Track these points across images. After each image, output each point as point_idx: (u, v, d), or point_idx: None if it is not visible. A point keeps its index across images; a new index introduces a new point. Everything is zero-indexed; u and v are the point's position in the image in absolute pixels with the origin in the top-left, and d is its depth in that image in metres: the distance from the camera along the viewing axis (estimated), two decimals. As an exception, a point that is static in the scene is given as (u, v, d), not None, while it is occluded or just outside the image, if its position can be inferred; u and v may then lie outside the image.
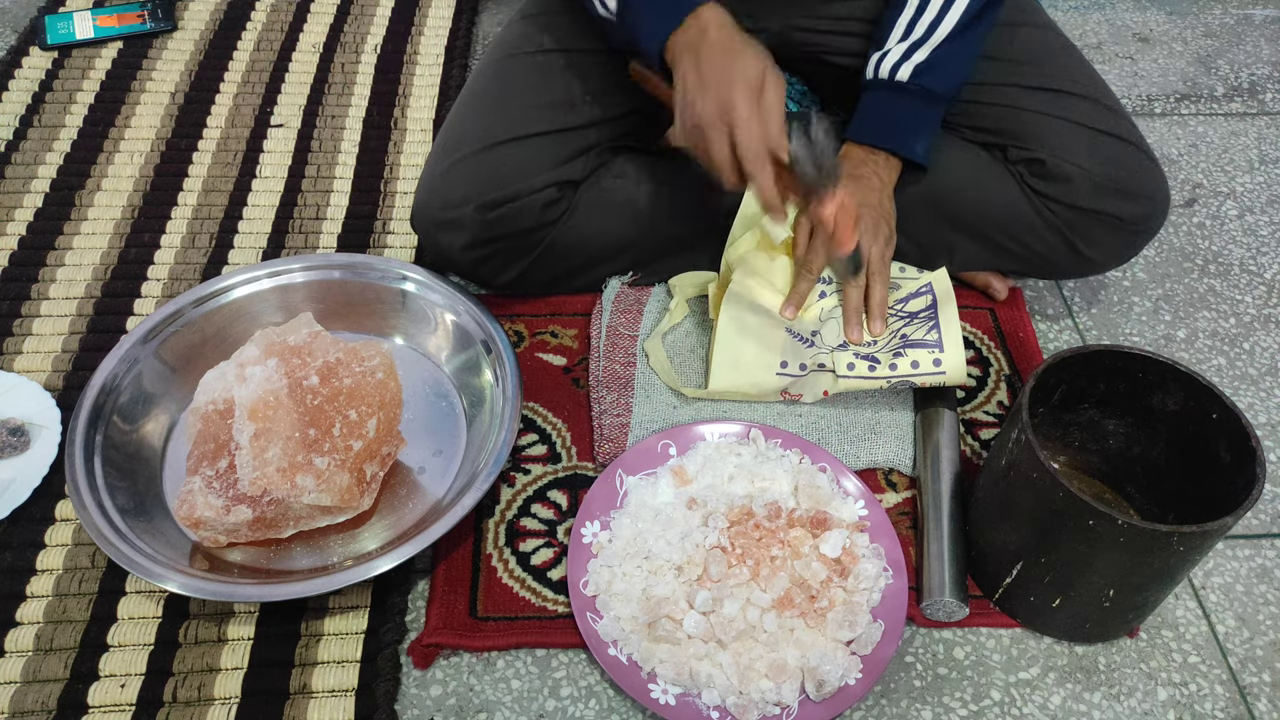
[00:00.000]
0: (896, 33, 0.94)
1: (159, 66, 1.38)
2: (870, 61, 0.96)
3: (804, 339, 0.96)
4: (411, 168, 1.25)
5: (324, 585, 0.78)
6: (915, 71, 0.93)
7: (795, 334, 0.96)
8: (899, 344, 0.94)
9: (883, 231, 0.94)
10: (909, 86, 0.94)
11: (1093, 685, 0.83)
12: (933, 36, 0.93)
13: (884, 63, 0.95)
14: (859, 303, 0.96)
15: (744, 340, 0.95)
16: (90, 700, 0.77)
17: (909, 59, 0.93)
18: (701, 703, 0.77)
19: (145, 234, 1.14)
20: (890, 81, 0.94)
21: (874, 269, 0.94)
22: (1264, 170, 1.34)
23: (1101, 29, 1.60)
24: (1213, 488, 0.79)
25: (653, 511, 0.87)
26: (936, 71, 0.94)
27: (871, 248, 0.93)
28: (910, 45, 0.93)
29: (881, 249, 0.94)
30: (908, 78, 0.94)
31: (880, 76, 0.95)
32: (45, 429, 0.92)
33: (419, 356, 1.01)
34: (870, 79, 0.96)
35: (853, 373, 0.93)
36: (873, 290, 0.95)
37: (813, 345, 0.96)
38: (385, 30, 1.47)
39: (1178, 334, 1.12)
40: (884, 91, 0.95)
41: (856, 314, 0.95)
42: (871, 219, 0.93)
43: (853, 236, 0.86)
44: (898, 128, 0.96)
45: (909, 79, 0.94)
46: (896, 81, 0.94)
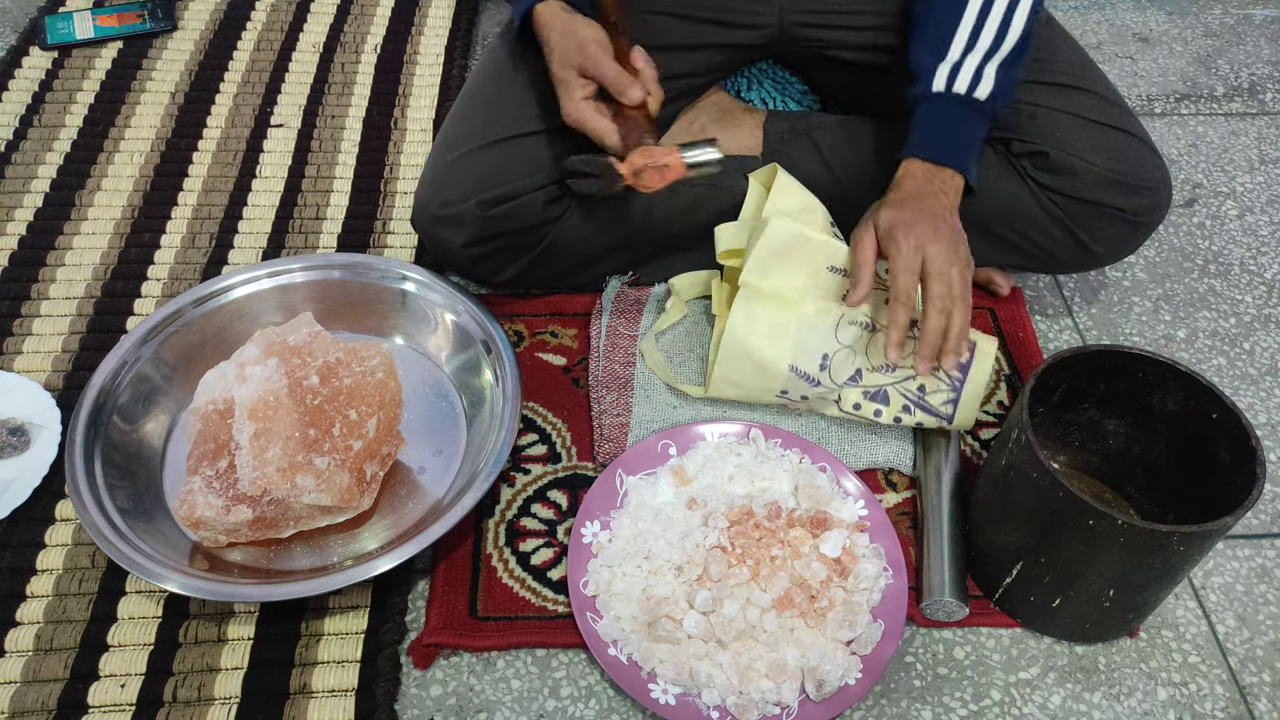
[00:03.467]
0: (959, 42, 0.89)
1: (159, 66, 1.38)
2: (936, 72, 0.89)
3: (810, 379, 0.90)
4: (411, 168, 1.25)
5: (324, 585, 0.78)
6: (993, 93, 0.88)
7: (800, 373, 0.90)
8: (914, 397, 0.91)
9: (961, 255, 0.84)
10: (980, 103, 0.89)
11: (1093, 685, 0.83)
12: (1002, 47, 0.89)
13: (959, 76, 0.88)
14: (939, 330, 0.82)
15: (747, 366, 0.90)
16: (90, 700, 0.77)
17: (982, 73, 0.88)
18: (701, 703, 0.77)
19: (145, 234, 1.14)
20: (966, 98, 0.88)
21: (956, 294, 0.82)
22: (1264, 170, 1.34)
23: (1101, 29, 1.60)
24: (1213, 488, 0.79)
25: (653, 511, 0.87)
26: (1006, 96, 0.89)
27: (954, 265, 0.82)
28: (982, 57, 0.88)
29: (963, 269, 0.83)
30: (985, 97, 0.88)
31: (955, 90, 0.88)
32: (45, 429, 0.92)
33: (419, 356, 1.01)
34: (938, 91, 0.89)
35: (857, 412, 0.92)
36: (953, 319, 0.82)
37: (819, 385, 0.90)
38: (385, 30, 1.47)
39: (1178, 334, 1.12)
40: (955, 106, 0.89)
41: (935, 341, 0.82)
42: (950, 235, 0.84)
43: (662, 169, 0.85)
44: (965, 145, 0.90)
45: (986, 98, 0.88)
46: (974, 99, 0.88)
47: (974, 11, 0.89)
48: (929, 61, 0.90)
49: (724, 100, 1.17)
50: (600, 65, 0.84)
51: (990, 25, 0.89)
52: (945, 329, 0.82)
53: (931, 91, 0.89)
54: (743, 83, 1.21)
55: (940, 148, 0.89)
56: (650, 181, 0.83)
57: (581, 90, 0.86)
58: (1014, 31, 0.89)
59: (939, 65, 0.89)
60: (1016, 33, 0.89)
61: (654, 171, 0.82)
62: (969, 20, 0.89)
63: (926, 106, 0.90)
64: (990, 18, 0.89)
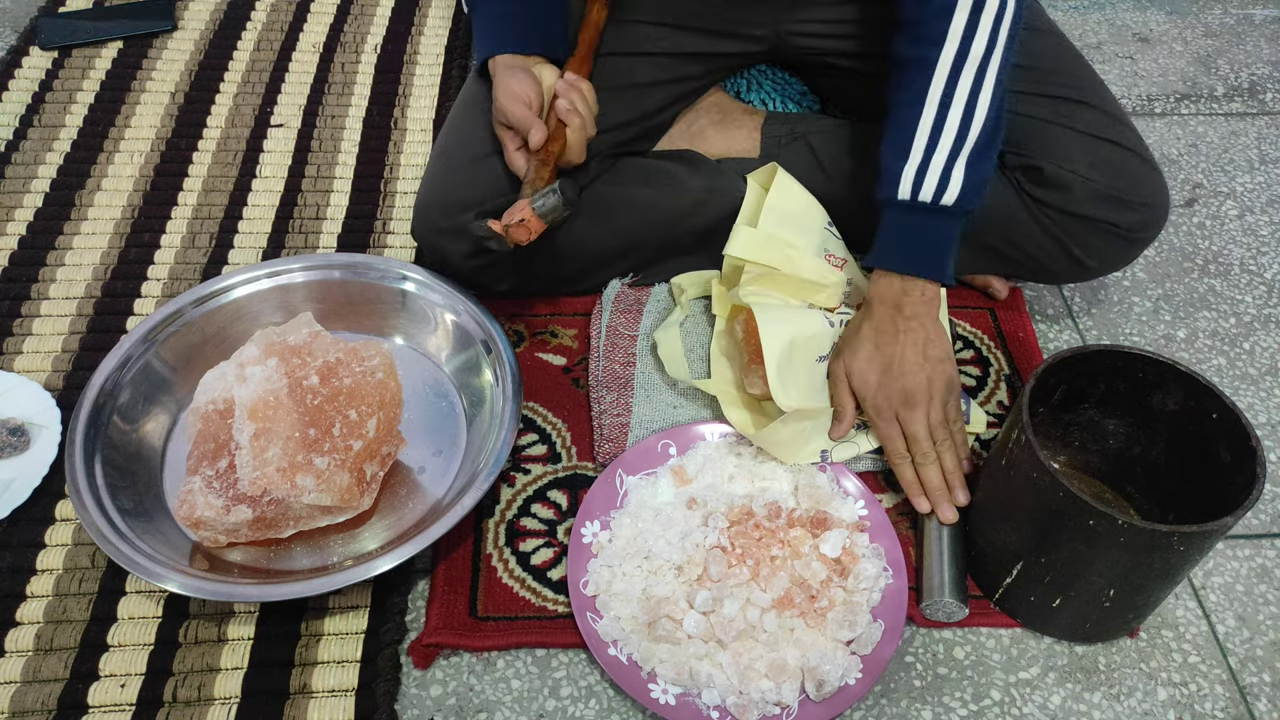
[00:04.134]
0: (920, 141, 0.85)
1: (159, 66, 1.38)
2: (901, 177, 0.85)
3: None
4: (411, 168, 1.25)
5: (324, 585, 0.78)
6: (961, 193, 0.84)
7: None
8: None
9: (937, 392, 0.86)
10: (948, 209, 0.85)
11: (1093, 685, 0.83)
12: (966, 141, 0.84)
13: (925, 182, 0.84)
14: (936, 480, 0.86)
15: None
16: (90, 700, 0.77)
17: (950, 174, 0.84)
18: (701, 703, 0.77)
19: (145, 234, 1.14)
20: (932, 205, 0.85)
21: (938, 438, 0.86)
22: (1264, 170, 1.34)
23: (1101, 29, 1.60)
24: (1213, 488, 0.79)
25: (653, 511, 0.87)
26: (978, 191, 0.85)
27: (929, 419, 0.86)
28: (948, 156, 0.84)
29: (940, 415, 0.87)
30: (953, 201, 0.84)
31: (920, 199, 0.85)
32: (45, 429, 0.92)
33: (419, 356, 1.01)
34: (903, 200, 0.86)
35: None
36: (944, 462, 0.87)
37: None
38: (385, 30, 1.47)
39: (1178, 334, 1.12)
40: (921, 215, 0.86)
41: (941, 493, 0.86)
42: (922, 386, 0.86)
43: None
44: (937, 252, 0.87)
45: (955, 202, 0.84)
46: (941, 206, 0.85)
47: (933, 106, 0.84)
48: (892, 164, 0.86)
49: (724, 101, 1.17)
50: (510, 116, 0.89)
51: (952, 119, 0.84)
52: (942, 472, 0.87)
53: (896, 199, 0.86)
54: (743, 84, 1.21)
55: (911, 259, 0.87)
56: (518, 236, 0.86)
57: (513, 143, 0.91)
58: (977, 122, 0.84)
59: (903, 168, 0.85)
60: (979, 123, 0.84)
61: (517, 228, 0.85)
62: (929, 116, 0.85)
63: (893, 214, 0.87)
64: (951, 111, 0.84)
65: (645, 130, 1.07)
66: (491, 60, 0.93)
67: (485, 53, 0.94)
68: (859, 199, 1.04)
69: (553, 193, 0.85)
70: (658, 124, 1.08)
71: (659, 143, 1.11)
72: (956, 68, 0.84)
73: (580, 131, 0.90)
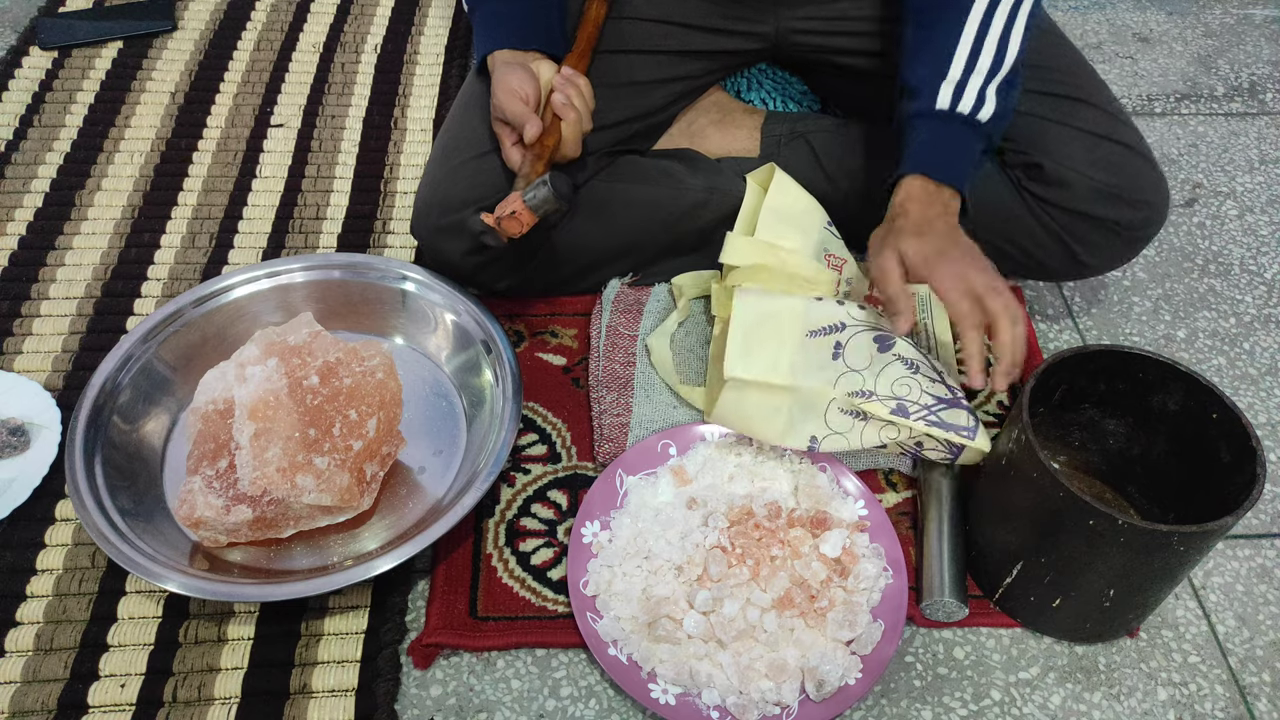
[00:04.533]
0: (959, 61, 0.87)
1: (159, 66, 1.38)
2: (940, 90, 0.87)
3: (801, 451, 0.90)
4: (411, 168, 1.25)
5: (324, 585, 0.78)
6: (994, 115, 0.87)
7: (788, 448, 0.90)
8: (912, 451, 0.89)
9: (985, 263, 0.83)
10: (981, 125, 0.87)
11: (1093, 685, 0.83)
12: (1001, 68, 0.88)
13: (964, 96, 0.87)
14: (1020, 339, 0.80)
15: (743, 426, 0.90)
16: (90, 700, 0.77)
17: (985, 95, 0.87)
18: (701, 703, 0.77)
19: (145, 234, 1.14)
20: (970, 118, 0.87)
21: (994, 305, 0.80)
22: (1264, 170, 1.34)
23: (1101, 29, 1.60)
24: (1213, 488, 0.79)
25: (653, 511, 0.87)
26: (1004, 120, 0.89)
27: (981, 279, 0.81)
28: (984, 78, 0.87)
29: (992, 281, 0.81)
30: (987, 119, 0.87)
31: (959, 110, 0.87)
32: (45, 429, 0.92)
33: (419, 356, 1.01)
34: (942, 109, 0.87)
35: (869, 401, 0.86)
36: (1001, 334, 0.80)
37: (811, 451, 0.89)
38: (385, 30, 1.47)
39: (1178, 334, 1.12)
40: (958, 125, 0.88)
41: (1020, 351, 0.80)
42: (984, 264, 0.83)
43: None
44: (967, 165, 0.88)
45: (988, 120, 0.87)
46: (976, 119, 0.87)
47: (971, 32, 0.88)
48: (929, 78, 0.88)
49: (724, 100, 1.17)
50: (506, 112, 0.89)
51: (989, 45, 0.88)
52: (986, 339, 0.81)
53: (934, 109, 0.88)
54: (743, 83, 1.21)
55: (945, 166, 0.87)
56: (510, 229, 0.86)
57: (509, 139, 0.91)
58: (1010, 53, 0.88)
59: (941, 83, 0.88)
60: (1012, 54, 0.88)
61: (509, 220, 0.86)
62: (967, 39, 0.88)
63: (928, 123, 0.88)
64: (988, 39, 0.88)
65: (645, 129, 1.07)
66: (490, 57, 0.93)
67: (485, 49, 0.94)
68: (859, 198, 1.05)
69: (544, 184, 0.85)
70: (657, 122, 1.09)
71: (658, 142, 1.12)
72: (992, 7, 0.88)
73: (576, 126, 0.90)
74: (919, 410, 0.85)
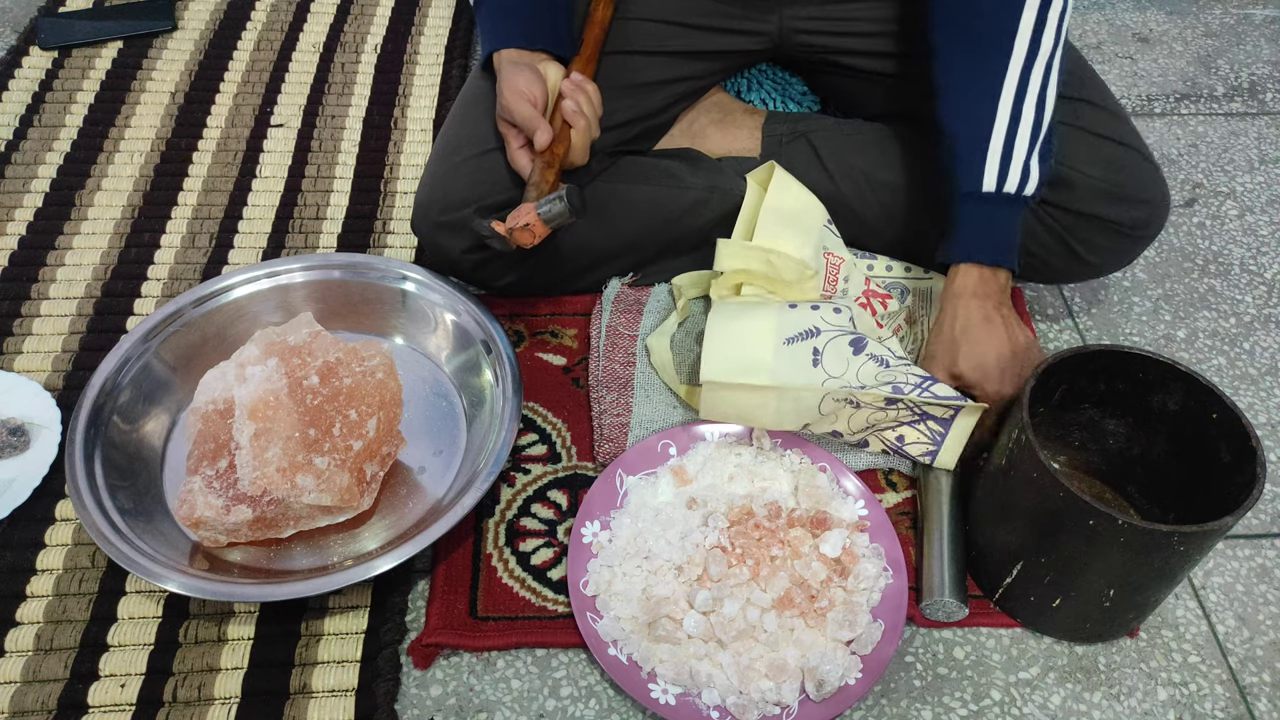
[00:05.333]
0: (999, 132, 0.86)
1: (159, 66, 1.38)
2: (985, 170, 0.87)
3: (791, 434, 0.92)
4: (411, 168, 1.25)
5: (324, 585, 0.78)
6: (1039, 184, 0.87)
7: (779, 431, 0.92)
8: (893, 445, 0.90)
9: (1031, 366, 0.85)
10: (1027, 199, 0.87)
11: (1093, 685, 0.83)
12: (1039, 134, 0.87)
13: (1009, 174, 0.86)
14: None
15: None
16: (90, 700, 0.77)
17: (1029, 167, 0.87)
18: (701, 703, 0.77)
19: (145, 234, 1.14)
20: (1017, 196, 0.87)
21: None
22: (1264, 170, 1.34)
23: (1101, 29, 1.60)
24: (1213, 488, 0.79)
25: (653, 511, 0.87)
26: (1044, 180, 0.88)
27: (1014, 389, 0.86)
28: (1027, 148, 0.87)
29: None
30: (1032, 191, 0.87)
31: (1005, 190, 0.87)
32: (45, 429, 0.92)
33: (419, 356, 1.01)
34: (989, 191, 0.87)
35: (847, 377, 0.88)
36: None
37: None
38: (385, 30, 1.47)
39: (1178, 334, 1.12)
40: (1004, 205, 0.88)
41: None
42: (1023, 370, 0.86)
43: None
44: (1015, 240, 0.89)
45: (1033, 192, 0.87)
46: (1023, 196, 0.87)
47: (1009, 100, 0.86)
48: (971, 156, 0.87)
49: (725, 101, 1.17)
50: (515, 115, 0.88)
51: (1027, 112, 0.86)
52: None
53: (981, 191, 0.87)
54: (743, 83, 1.21)
55: (996, 250, 0.88)
56: (522, 240, 0.86)
57: (516, 141, 0.91)
58: (1047, 115, 0.87)
59: (985, 158, 0.87)
60: (1049, 115, 0.87)
61: (522, 231, 0.85)
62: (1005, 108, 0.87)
63: (975, 207, 0.88)
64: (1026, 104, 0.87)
65: (647, 129, 1.07)
66: (496, 55, 0.93)
67: (490, 47, 0.93)
68: (860, 198, 1.05)
69: (559, 199, 0.85)
70: (659, 123, 1.09)
71: (659, 141, 1.12)
72: (1029, 61, 0.86)
73: (585, 134, 0.90)
74: (912, 389, 0.85)
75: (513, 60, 0.91)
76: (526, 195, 0.88)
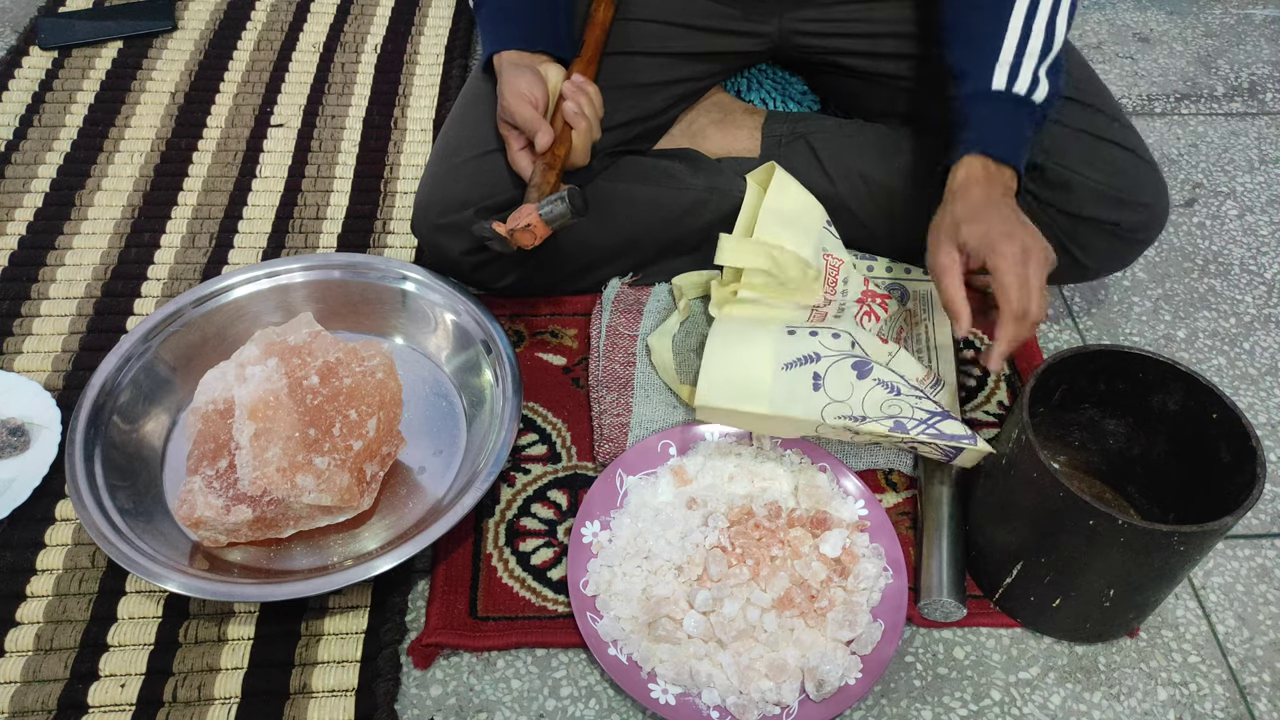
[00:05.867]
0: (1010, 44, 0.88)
1: (159, 66, 1.38)
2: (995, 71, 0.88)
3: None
4: (411, 168, 1.25)
5: (324, 585, 0.78)
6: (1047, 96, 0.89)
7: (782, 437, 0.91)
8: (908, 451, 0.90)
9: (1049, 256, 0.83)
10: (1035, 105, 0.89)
11: (1093, 685, 0.83)
12: (1051, 50, 0.89)
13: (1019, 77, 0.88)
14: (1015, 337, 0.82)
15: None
16: (90, 700, 0.77)
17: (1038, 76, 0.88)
18: (701, 703, 0.77)
19: (145, 234, 1.14)
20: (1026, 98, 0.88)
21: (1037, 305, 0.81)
22: (1264, 170, 1.34)
23: (1101, 29, 1.60)
24: (1213, 488, 0.79)
25: (653, 511, 0.87)
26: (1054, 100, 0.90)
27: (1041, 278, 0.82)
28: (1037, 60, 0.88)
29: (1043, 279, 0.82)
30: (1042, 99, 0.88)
31: (1015, 90, 0.88)
32: (45, 429, 0.92)
33: (419, 356, 1.01)
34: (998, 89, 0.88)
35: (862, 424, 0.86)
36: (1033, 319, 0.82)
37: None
38: (385, 30, 1.47)
39: (1178, 334, 1.12)
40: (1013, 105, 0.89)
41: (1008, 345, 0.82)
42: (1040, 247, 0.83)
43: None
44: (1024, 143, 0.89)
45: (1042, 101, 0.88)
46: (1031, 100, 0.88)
47: (1021, 13, 0.89)
48: (981, 61, 0.89)
49: (725, 101, 1.17)
50: (516, 117, 0.88)
51: (1037, 30, 0.89)
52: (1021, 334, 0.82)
53: (990, 89, 0.88)
54: (743, 83, 1.21)
55: (1005, 145, 0.88)
56: (524, 240, 0.85)
57: (517, 142, 0.91)
58: (1060, 32, 0.89)
59: (995, 64, 0.89)
60: (1062, 33, 0.89)
61: (523, 232, 0.85)
62: (1016, 23, 0.89)
63: (985, 103, 0.89)
64: (1036, 23, 0.89)
65: (646, 130, 1.07)
66: (497, 57, 0.93)
67: (491, 48, 0.93)
68: (859, 198, 1.05)
69: (561, 200, 0.85)
70: (659, 123, 1.09)
71: (659, 142, 1.12)
72: None
73: (586, 136, 0.90)
74: (916, 425, 0.84)
75: (513, 62, 0.91)
76: (528, 196, 0.88)
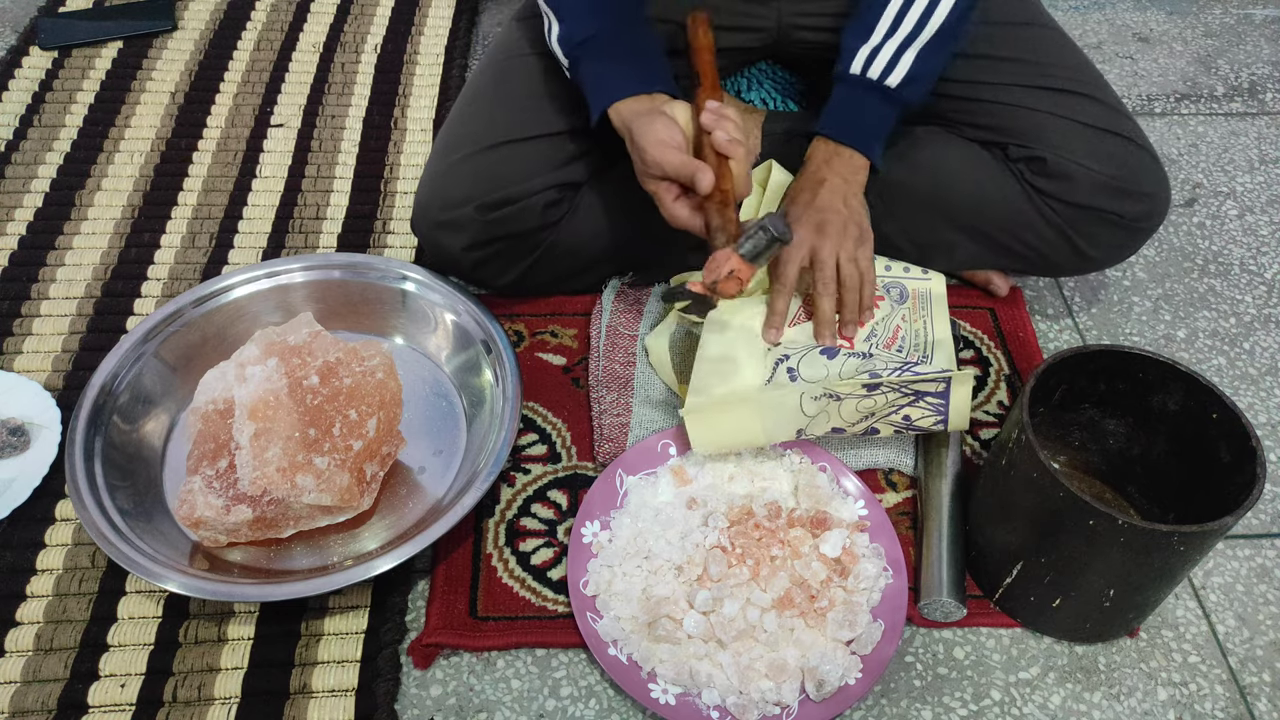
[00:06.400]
0: (882, 27, 0.92)
1: (159, 66, 1.38)
2: (857, 54, 0.93)
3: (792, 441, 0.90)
4: (411, 168, 1.25)
5: (324, 585, 0.78)
6: (905, 79, 0.92)
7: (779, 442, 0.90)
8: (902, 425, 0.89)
9: (850, 233, 0.90)
10: (889, 90, 0.92)
11: (1093, 685, 0.83)
12: (922, 33, 0.91)
13: (875, 61, 0.92)
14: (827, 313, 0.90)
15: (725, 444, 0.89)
16: (90, 700, 0.77)
17: (898, 60, 0.91)
18: (701, 703, 0.77)
19: (145, 234, 1.14)
20: (877, 83, 0.92)
21: (845, 273, 0.90)
22: (1264, 170, 1.34)
23: (1101, 29, 1.60)
24: (1213, 488, 0.79)
25: (653, 511, 0.87)
26: (920, 83, 0.93)
27: (839, 252, 0.89)
28: (900, 43, 0.91)
29: (851, 251, 0.90)
30: (896, 84, 0.92)
31: (868, 75, 0.92)
32: (45, 429, 0.92)
33: (419, 356, 1.01)
34: (854, 74, 0.93)
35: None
36: (845, 298, 0.90)
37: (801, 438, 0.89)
38: (385, 30, 1.47)
39: (1178, 334, 1.12)
40: (862, 90, 0.93)
41: (828, 325, 0.91)
42: (838, 222, 0.90)
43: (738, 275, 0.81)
44: (870, 128, 0.94)
45: (897, 85, 0.92)
46: (884, 85, 0.92)
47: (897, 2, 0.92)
48: (852, 44, 0.94)
49: (724, 100, 1.17)
50: (666, 166, 0.81)
51: (914, 11, 0.91)
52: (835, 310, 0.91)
53: (847, 73, 0.94)
54: (743, 83, 1.21)
55: (845, 129, 0.94)
56: (729, 290, 0.81)
57: (669, 194, 0.83)
58: (937, 18, 0.91)
59: (860, 48, 0.93)
60: (939, 20, 0.91)
61: (727, 281, 0.80)
62: (895, 5, 0.92)
63: (841, 87, 0.95)
64: (914, 4, 0.91)
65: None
66: (615, 109, 0.86)
67: (606, 101, 0.86)
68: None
69: (762, 231, 0.78)
70: None
71: None
72: None
73: (744, 162, 0.82)
74: (891, 372, 0.85)
75: (637, 111, 0.84)
76: (714, 243, 0.80)
